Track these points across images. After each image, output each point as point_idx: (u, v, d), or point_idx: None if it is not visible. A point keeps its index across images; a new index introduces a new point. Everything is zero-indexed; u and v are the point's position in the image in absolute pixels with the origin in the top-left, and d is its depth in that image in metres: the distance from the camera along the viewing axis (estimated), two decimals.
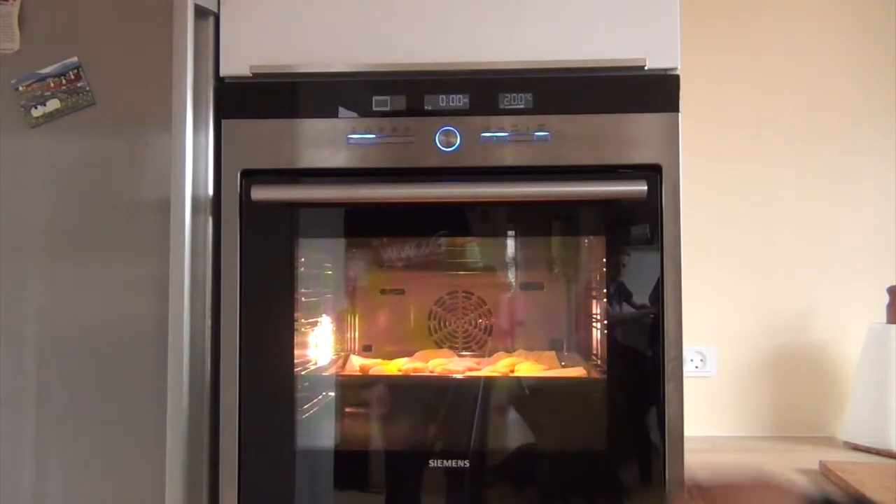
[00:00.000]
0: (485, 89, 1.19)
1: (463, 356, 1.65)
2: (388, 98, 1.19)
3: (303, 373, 1.42)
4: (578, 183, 1.18)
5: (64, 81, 1.20)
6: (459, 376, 1.40)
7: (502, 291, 1.80)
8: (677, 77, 1.18)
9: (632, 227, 1.19)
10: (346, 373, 1.53)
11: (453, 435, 1.27)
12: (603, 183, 1.18)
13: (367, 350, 1.80)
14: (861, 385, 1.65)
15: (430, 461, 1.27)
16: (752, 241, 1.83)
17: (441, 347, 1.76)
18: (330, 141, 1.20)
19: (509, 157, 1.18)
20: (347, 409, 1.71)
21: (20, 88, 1.20)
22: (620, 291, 1.25)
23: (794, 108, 1.83)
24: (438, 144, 1.18)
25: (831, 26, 1.82)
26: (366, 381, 1.52)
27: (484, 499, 1.22)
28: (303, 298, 1.52)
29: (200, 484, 1.20)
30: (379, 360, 1.56)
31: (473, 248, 1.80)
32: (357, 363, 1.55)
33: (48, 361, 1.21)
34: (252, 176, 1.23)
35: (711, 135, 1.82)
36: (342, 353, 1.69)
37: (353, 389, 1.67)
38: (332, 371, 1.54)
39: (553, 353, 1.66)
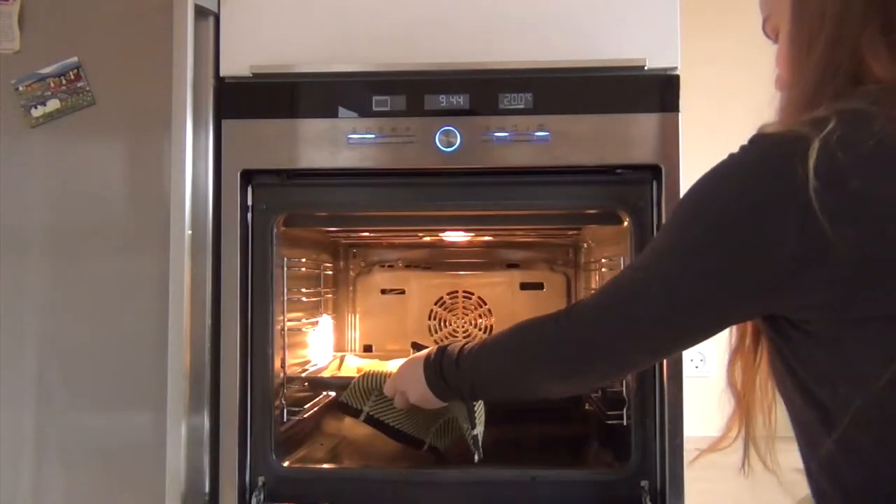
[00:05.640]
0: (485, 89, 1.19)
1: None
2: (388, 98, 1.19)
3: (302, 374, 1.42)
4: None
5: (64, 81, 1.20)
6: None
7: (502, 291, 1.80)
8: (677, 77, 1.18)
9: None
10: (342, 374, 1.52)
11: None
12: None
13: (367, 350, 1.81)
14: None
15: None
16: None
17: None
18: (330, 141, 1.20)
19: (509, 157, 1.18)
20: None
21: (20, 88, 1.20)
22: None
23: None
24: (438, 144, 1.18)
25: None
26: None
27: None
28: (303, 298, 1.52)
29: (201, 484, 1.20)
30: (376, 361, 1.56)
31: (473, 249, 1.80)
32: (353, 364, 1.54)
33: (48, 361, 1.22)
34: (252, 176, 1.23)
35: (711, 134, 1.81)
36: (340, 354, 1.69)
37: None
38: (329, 372, 1.53)
39: None
